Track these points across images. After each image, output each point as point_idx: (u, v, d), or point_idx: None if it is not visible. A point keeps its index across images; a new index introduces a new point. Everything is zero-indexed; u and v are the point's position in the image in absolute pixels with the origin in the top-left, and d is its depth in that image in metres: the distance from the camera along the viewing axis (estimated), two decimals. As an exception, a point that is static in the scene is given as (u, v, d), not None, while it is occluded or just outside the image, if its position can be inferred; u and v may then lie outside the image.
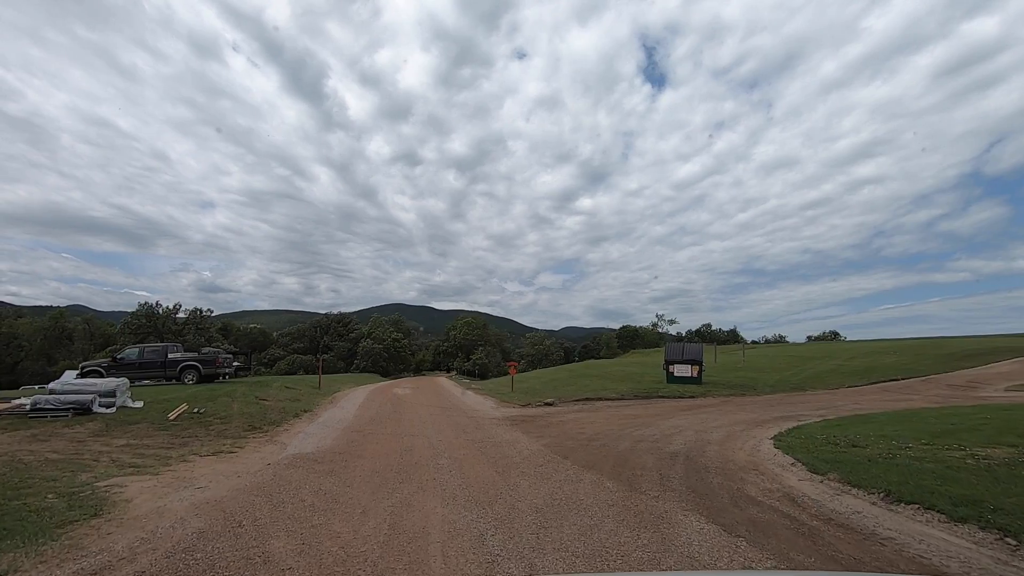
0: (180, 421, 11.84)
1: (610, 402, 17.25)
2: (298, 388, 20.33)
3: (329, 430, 10.95)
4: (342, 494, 5.65)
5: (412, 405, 16.82)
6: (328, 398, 18.85)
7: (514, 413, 14.52)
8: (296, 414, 13.68)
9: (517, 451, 8.34)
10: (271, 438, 10.14)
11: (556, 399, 17.86)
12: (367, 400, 18.31)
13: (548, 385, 23.86)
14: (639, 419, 12.49)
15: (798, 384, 23.23)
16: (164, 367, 17.83)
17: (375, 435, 10.17)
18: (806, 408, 14.92)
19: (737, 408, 14.95)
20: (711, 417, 12.86)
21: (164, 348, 18.28)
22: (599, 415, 13.47)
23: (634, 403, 16.75)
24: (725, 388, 20.59)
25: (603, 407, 15.61)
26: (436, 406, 16.53)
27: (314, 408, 15.33)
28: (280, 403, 15.44)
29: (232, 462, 7.86)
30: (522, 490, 5.84)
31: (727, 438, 9.77)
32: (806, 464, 7.10)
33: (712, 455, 8.13)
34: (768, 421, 12.15)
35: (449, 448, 8.60)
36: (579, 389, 20.80)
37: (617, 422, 12.07)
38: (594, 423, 11.89)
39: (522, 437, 9.84)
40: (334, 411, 14.69)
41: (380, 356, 60.04)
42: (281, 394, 17.45)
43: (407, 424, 11.85)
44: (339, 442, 9.37)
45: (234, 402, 14.20)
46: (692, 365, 21.66)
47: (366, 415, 13.60)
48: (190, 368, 17.85)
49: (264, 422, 12.15)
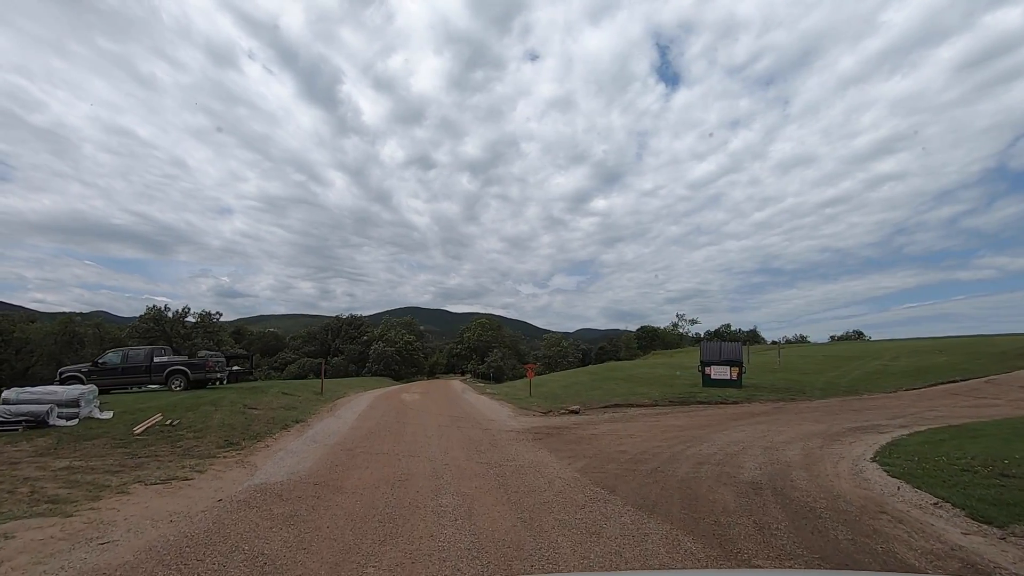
0: (146, 435, 10.16)
1: (643, 409, 15.20)
2: (297, 394, 18.66)
3: (315, 448, 9.13)
4: (290, 565, 3.78)
5: (419, 414, 14.98)
6: (328, 405, 17.13)
7: (535, 423, 12.58)
8: (285, 426, 11.93)
9: (546, 481, 6.39)
10: (243, 458, 8.36)
11: (581, 406, 15.87)
12: (370, 408, 16.53)
13: (569, 389, 21.85)
14: (687, 431, 10.45)
15: (849, 387, 20.84)
16: (149, 372, 16.30)
17: (367, 455, 8.32)
18: (878, 416, 12.69)
19: (796, 417, 12.79)
20: (772, 428, 10.76)
21: (149, 352, 16.74)
22: (636, 426, 11.46)
23: (672, 410, 14.67)
24: (770, 392, 18.35)
25: (637, 415, 13.58)
26: (446, 415, 14.67)
27: (308, 418, 13.59)
28: (271, 412, 13.73)
29: (177, 496, 6.07)
30: (563, 555, 3.90)
31: (808, 458, 7.69)
32: (959, 505, 5.02)
33: (805, 485, 6.09)
34: (843, 433, 10.02)
35: (457, 476, 6.69)
36: (605, 394, 18.77)
37: (661, 435, 10.05)
38: (634, 437, 9.89)
39: (550, 459, 7.89)
40: (329, 421, 12.93)
41: (392, 359, 58.34)
42: (275, 401, 15.77)
43: (409, 439, 9.99)
44: (321, 465, 7.53)
45: (217, 411, 12.52)
46: (731, 366, 19.46)
47: (364, 427, 11.79)
48: (177, 373, 16.29)
49: (244, 436, 10.41)
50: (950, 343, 45.85)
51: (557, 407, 16.68)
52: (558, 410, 16.08)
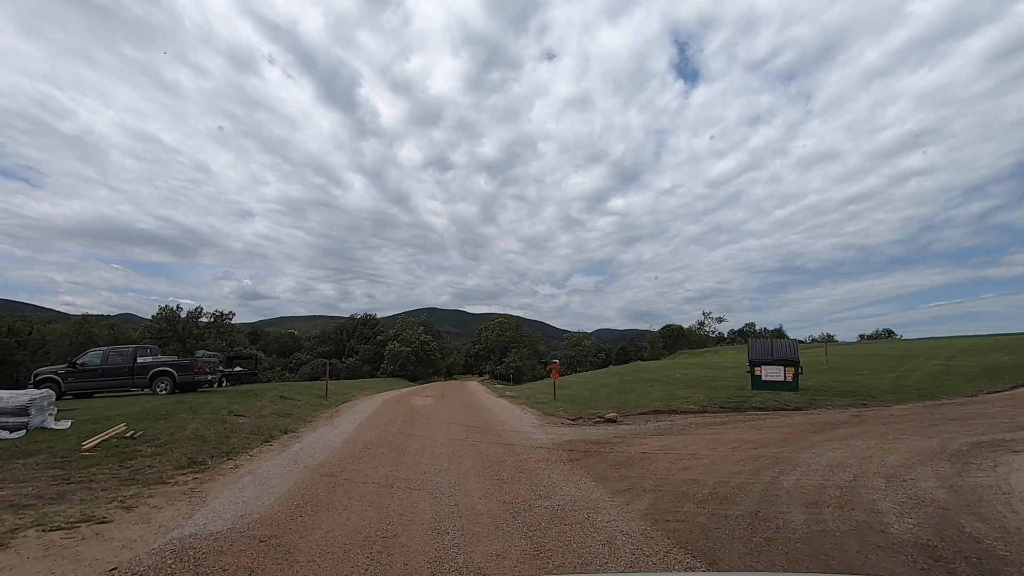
0: (97, 451, 8.38)
1: (691, 417, 12.96)
2: (298, 398, 16.91)
3: (291, 471, 7.20)
4: None
5: (429, 422, 13.01)
6: (329, 411, 15.31)
7: (567, 435, 10.48)
8: (269, 437, 10.08)
9: (603, 539, 4.29)
10: (197, 486, 6.48)
11: (617, 412, 13.71)
12: (375, 414, 14.64)
13: (598, 392, 19.68)
14: (764, 449, 8.22)
15: (921, 390, 18.17)
16: (132, 374, 14.70)
17: (353, 486, 6.34)
18: (988, 427, 10.23)
19: (888, 428, 10.41)
20: (871, 445, 8.46)
21: (132, 351, 15.13)
22: (695, 440, 9.26)
23: (727, 419, 12.39)
24: (834, 396, 15.87)
25: (688, 425, 11.37)
26: (460, 423, 12.67)
27: (301, 427, 11.74)
28: (259, 420, 11.92)
29: (65, 556, 4.18)
30: None
31: (959, 493, 5.44)
32: None
33: (1001, 547, 3.89)
34: (967, 452, 7.68)
35: (470, 531, 4.63)
36: (640, 398, 16.55)
37: (733, 455, 7.86)
38: (699, 457, 7.71)
39: (598, 494, 5.78)
40: (324, 432, 11.04)
41: (408, 360, 56.59)
42: (269, 407, 13.99)
43: (411, 460, 7.99)
44: (285, 503, 5.58)
45: (194, 420, 10.74)
46: (786, 366, 17.04)
47: (361, 440, 9.85)
48: (163, 375, 14.65)
49: (215, 452, 8.57)
50: (1007, 341, 42.18)
51: (587, 413, 14.55)
52: (590, 417, 13.95)
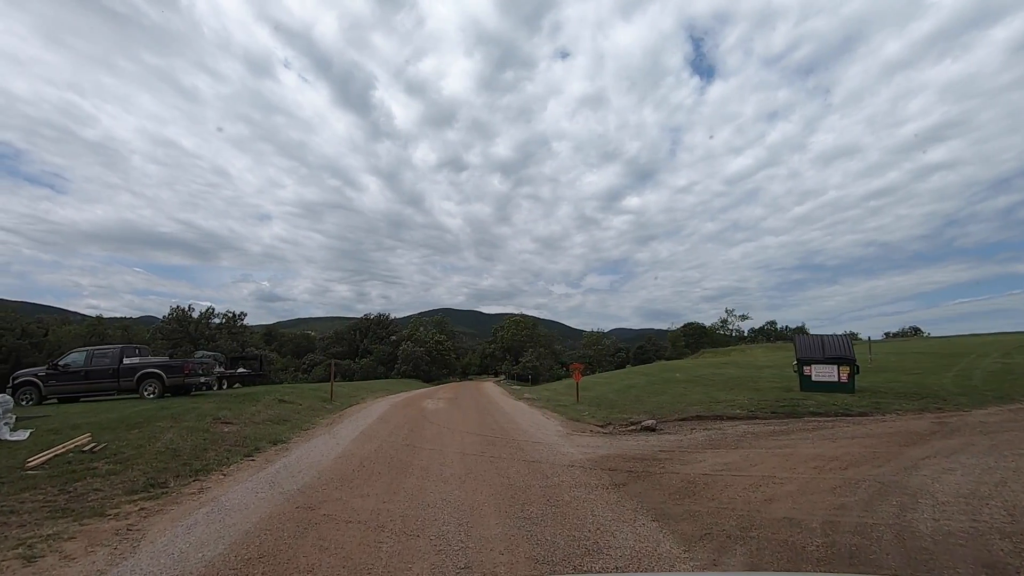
0: (43, 469, 7.06)
1: (742, 424, 11.23)
2: (300, 401, 15.58)
3: (264, 499, 5.74)
4: None
5: (440, 431, 11.50)
6: (330, 417, 13.92)
7: (601, 448, 8.87)
8: (254, 450, 8.67)
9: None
10: (138, 521, 5.06)
11: (654, 418, 12.05)
12: (381, 420, 13.19)
13: (625, 395, 18.00)
14: (855, 469, 6.51)
15: (994, 390, 16.08)
16: (117, 376, 13.49)
17: (332, 527, 4.83)
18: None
19: (996, 440, 8.55)
20: (990, 463, 6.68)
21: (118, 351, 13.91)
22: (762, 457, 7.57)
23: (785, 427, 10.63)
24: (898, 399, 13.94)
25: (742, 435, 9.65)
26: (475, 432, 11.14)
27: (293, 437, 10.34)
28: (248, 428, 10.54)
29: None
30: None
31: None
32: None
33: None
34: None
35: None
36: (675, 401, 14.85)
37: (816, 476, 6.17)
38: (777, 481, 6.04)
39: (666, 542, 4.15)
40: (319, 442, 9.60)
41: (422, 360, 55.31)
42: (264, 412, 12.65)
43: (415, 482, 6.47)
44: (240, 552, 4.08)
45: (172, 429, 9.40)
46: (839, 365, 15.15)
47: (358, 455, 8.37)
48: (150, 377, 13.41)
49: (184, 469, 7.17)
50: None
51: (618, 419, 12.92)
52: (621, 423, 12.32)
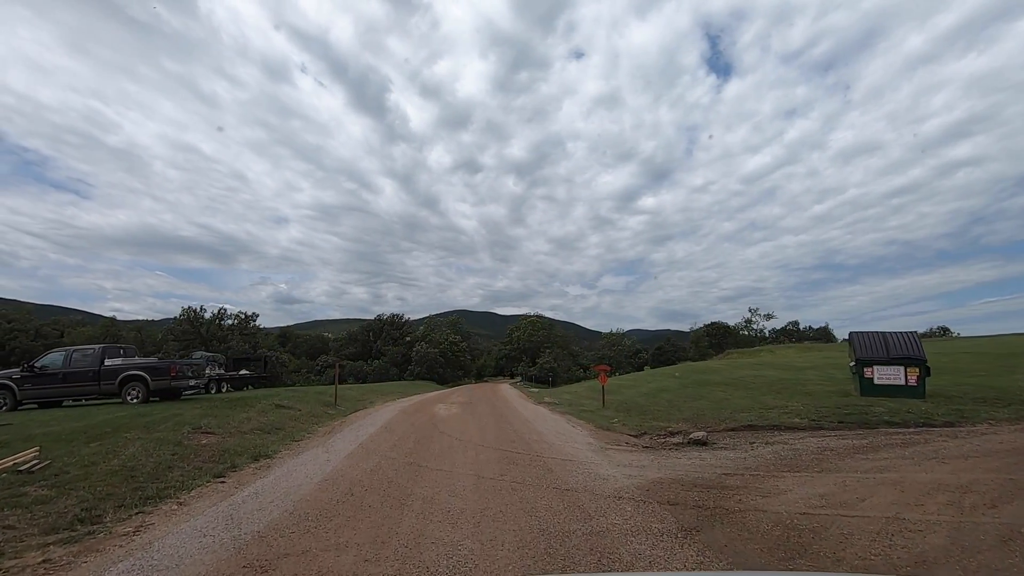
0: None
1: (805, 435, 9.48)
2: (299, 406, 14.24)
3: (209, 547, 4.26)
4: None
5: (451, 443, 9.98)
6: (330, 425, 12.51)
7: (648, 469, 7.25)
8: (227, 469, 7.25)
9: None
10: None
11: (701, 428, 10.38)
12: (385, 428, 11.73)
13: (656, 399, 16.31)
14: (1007, 505, 4.79)
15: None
16: (98, 379, 12.29)
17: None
18: None
19: None
20: None
21: (98, 352, 12.69)
22: (863, 485, 5.85)
23: (865, 440, 8.84)
24: (978, 405, 11.97)
25: (817, 451, 7.92)
26: (492, 445, 9.59)
27: (282, 450, 8.92)
28: (232, 439, 9.16)
29: None
30: None
31: None
32: None
33: None
34: None
35: None
36: (717, 407, 13.13)
37: (957, 515, 4.48)
38: (912, 526, 4.36)
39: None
40: (308, 457, 8.16)
41: (436, 361, 53.99)
42: (257, 419, 11.29)
43: (413, 523, 4.93)
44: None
45: (138, 441, 8.06)
46: (907, 367, 13.25)
47: (350, 476, 6.89)
48: (133, 380, 12.19)
49: (133, 497, 5.75)
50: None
51: (654, 427, 11.28)
52: (660, 433, 10.68)
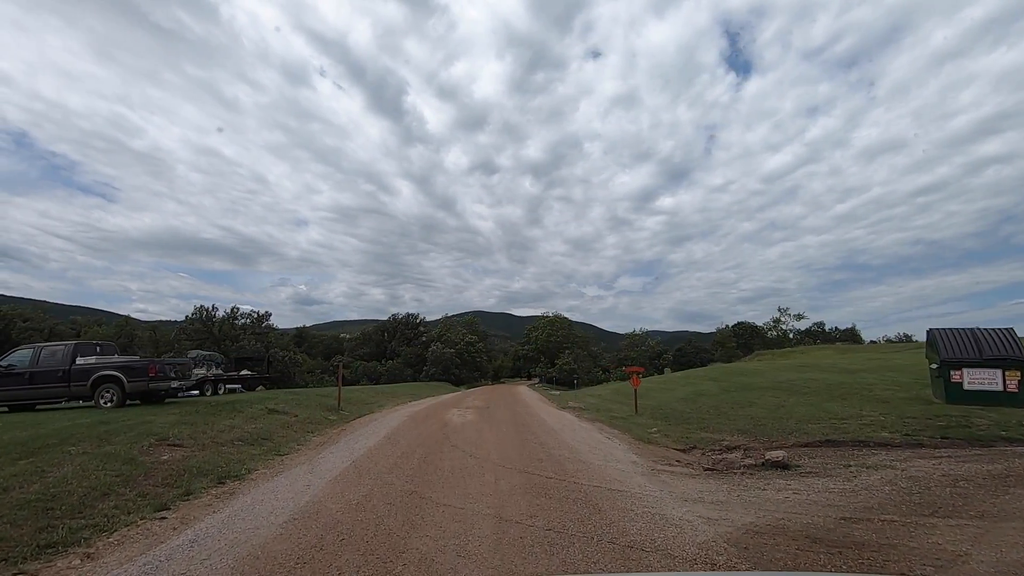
0: None
1: (907, 454, 7.55)
2: (296, 411, 12.75)
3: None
4: None
5: (464, 461, 8.27)
6: (327, 434, 10.94)
7: (729, 508, 5.45)
8: (179, 496, 5.67)
9: None
10: None
11: (767, 444, 8.51)
12: (388, 440, 10.08)
13: (695, 404, 14.44)
14: None
15: None
16: (68, 380, 10.96)
17: None
18: None
19: None
20: None
21: (69, 350, 11.32)
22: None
23: (996, 463, 6.87)
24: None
25: (945, 480, 6.01)
26: (514, 465, 7.86)
27: (261, 466, 7.34)
28: (201, 453, 7.62)
29: None
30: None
31: None
32: None
33: None
34: None
35: None
36: (774, 416, 11.22)
37: None
38: None
39: None
40: (284, 481, 6.55)
41: (451, 362, 52.48)
42: (241, 427, 9.77)
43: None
44: None
45: (81, 456, 6.56)
46: (1005, 369, 11.16)
47: (329, 512, 5.24)
48: (107, 381, 10.82)
49: (31, 543, 4.16)
50: None
51: (704, 440, 9.45)
52: (715, 449, 8.84)
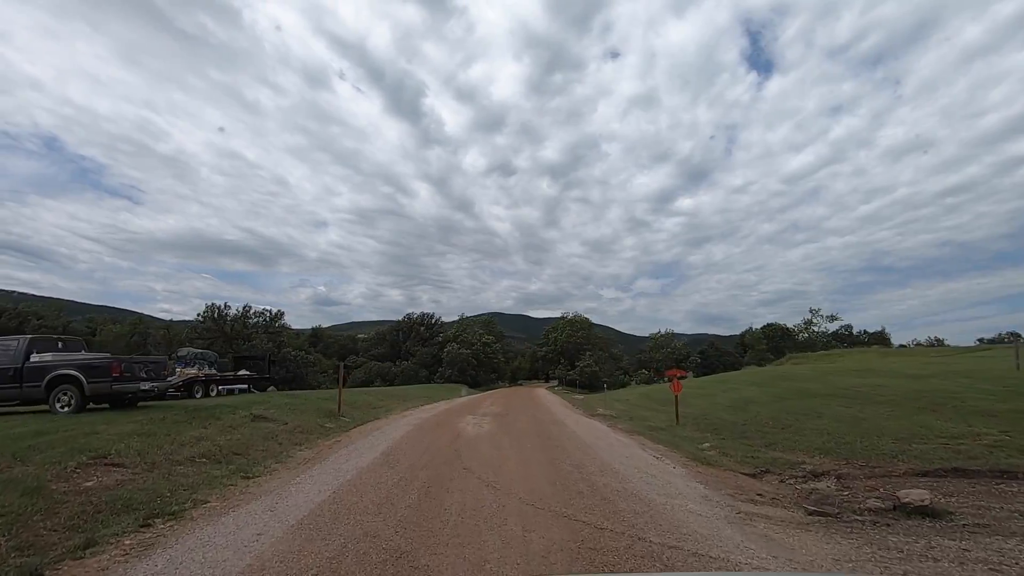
0: None
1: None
2: (287, 418, 11.09)
3: None
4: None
5: (480, 495, 6.38)
6: (316, 447, 9.20)
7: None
8: (58, 559, 3.95)
9: None
10: None
11: (884, 475, 6.49)
12: (385, 459, 8.27)
13: (744, 414, 12.38)
14: None
15: None
16: (19, 380, 9.45)
17: None
18: None
19: None
20: None
21: (23, 345, 9.74)
22: None
23: None
24: None
25: None
26: (549, 507, 5.96)
27: (211, 499, 5.61)
28: (144, 477, 5.91)
29: None
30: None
31: None
32: None
33: None
34: None
35: None
36: (856, 431, 9.12)
37: None
38: None
39: None
40: (234, 523, 4.78)
41: (468, 363, 50.75)
42: (208, 440, 8.11)
43: None
44: None
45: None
46: None
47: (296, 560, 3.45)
48: (64, 382, 9.29)
49: None
50: None
51: (777, 462, 7.46)
52: (798, 475, 6.85)
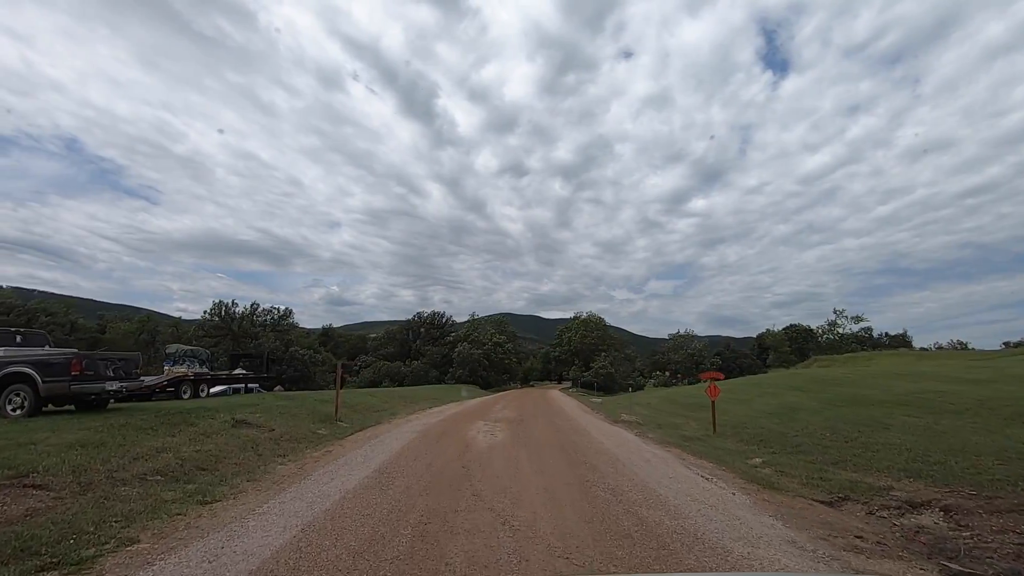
0: None
1: None
2: (274, 424, 9.87)
3: None
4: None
5: (495, 539, 4.97)
6: (299, 461, 7.93)
7: None
8: None
9: None
10: None
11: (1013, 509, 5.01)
12: (378, 480, 6.95)
13: (792, 422, 10.92)
14: None
15: None
16: (-32, 379, 8.36)
17: None
18: None
19: None
20: None
21: (-27, 338, 8.87)
22: None
23: None
24: None
25: None
26: (590, 568, 4.62)
27: (142, 538, 4.32)
28: (71, 503, 4.60)
29: None
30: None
31: None
32: None
33: None
34: None
35: None
36: (944, 449, 7.61)
37: None
38: None
39: None
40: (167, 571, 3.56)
41: (479, 363, 49.50)
42: (172, 452, 6.87)
43: None
44: None
45: None
46: None
47: None
48: (15, 382, 8.16)
49: None
50: None
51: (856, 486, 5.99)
52: (890, 505, 5.39)
